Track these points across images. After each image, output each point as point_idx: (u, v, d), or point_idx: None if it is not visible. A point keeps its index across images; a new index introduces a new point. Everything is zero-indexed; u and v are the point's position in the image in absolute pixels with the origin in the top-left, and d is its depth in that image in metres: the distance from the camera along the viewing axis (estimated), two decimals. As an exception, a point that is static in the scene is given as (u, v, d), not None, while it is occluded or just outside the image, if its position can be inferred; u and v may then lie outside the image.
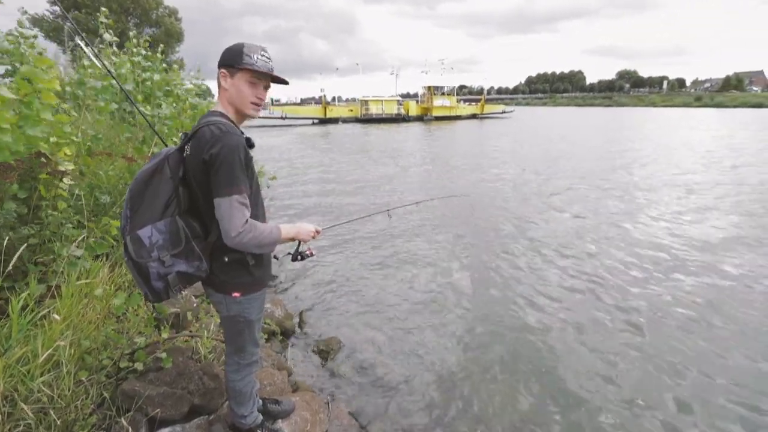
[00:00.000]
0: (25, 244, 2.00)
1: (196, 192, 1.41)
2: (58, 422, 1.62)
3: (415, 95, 50.51)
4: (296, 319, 3.59)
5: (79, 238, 2.20)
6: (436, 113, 39.49)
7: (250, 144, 1.49)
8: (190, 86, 5.74)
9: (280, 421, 2.03)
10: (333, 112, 38.01)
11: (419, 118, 39.66)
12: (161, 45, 5.85)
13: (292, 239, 1.57)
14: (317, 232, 1.67)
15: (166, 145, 1.94)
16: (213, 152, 1.28)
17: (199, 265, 1.42)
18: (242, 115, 1.49)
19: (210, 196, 1.34)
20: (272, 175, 9.06)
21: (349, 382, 2.81)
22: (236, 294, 1.51)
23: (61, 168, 2.28)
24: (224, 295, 1.52)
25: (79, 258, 2.13)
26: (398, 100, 40.42)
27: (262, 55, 1.42)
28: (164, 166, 1.37)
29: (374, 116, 37.75)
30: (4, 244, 1.91)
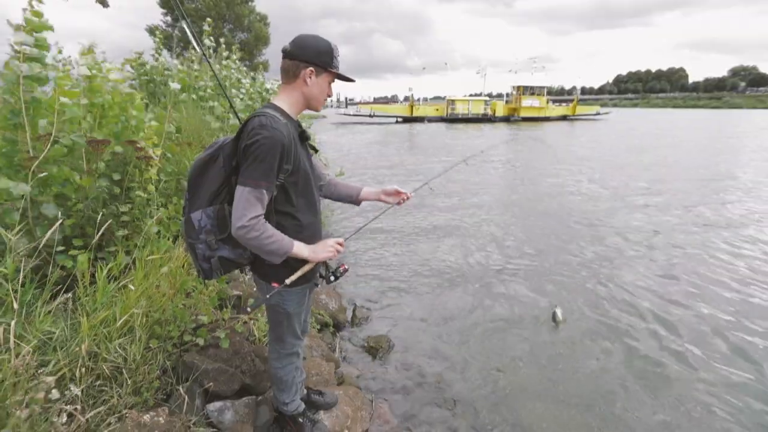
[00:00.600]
0: (109, 221, 2.26)
1: None
2: (129, 381, 1.80)
3: (489, 95, 48.82)
4: (349, 313, 3.63)
5: (155, 217, 2.43)
6: (524, 114, 38.03)
7: (304, 137, 1.51)
8: (269, 85, 6.21)
9: (321, 412, 2.04)
10: (419, 111, 38.54)
11: (506, 119, 38.46)
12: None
13: (308, 257, 1.46)
14: (340, 245, 1.52)
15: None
16: (248, 143, 1.30)
17: (242, 252, 1.46)
18: (306, 108, 1.51)
19: None
20: (339, 171, 9.32)
21: (394, 383, 2.76)
22: (276, 284, 1.52)
23: (150, 154, 2.54)
24: (266, 284, 1.55)
25: (158, 233, 2.35)
26: (485, 100, 39.73)
27: (338, 55, 1.47)
28: (219, 155, 1.42)
29: (460, 116, 37.47)
30: (98, 219, 2.17)
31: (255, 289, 3.02)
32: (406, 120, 37.81)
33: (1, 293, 1.71)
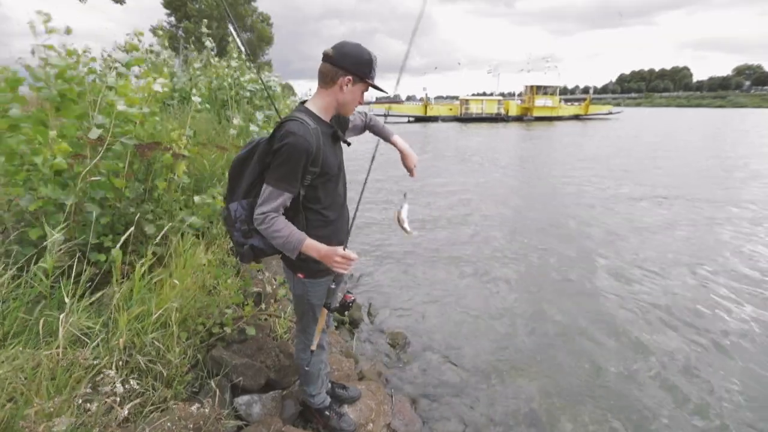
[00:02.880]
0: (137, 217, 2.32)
1: None
2: (165, 373, 1.85)
3: (491, 94, 48.84)
4: (365, 311, 3.68)
5: (182, 214, 2.50)
6: (536, 113, 38.06)
7: (336, 137, 1.57)
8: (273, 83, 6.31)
9: (346, 406, 2.10)
10: (433, 111, 38.87)
11: (518, 118, 38.47)
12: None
13: (318, 259, 1.46)
14: (346, 258, 1.42)
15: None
16: (277, 146, 1.38)
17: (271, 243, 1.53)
18: (336, 113, 1.57)
19: None
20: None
21: (413, 379, 2.81)
22: (301, 275, 1.61)
23: (181, 152, 2.60)
24: (293, 274, 1.64)
25: (188, 225, 2.42)
26: (498, 100, 39.80)
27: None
28: (255, 151, 1.52)
29: (474, 115, 37.60)
30: (135, 219, 2.23)
31: (275, 286, 3.08)
32: (420, 119, 38.03)
33: (42, 288, 1.77)
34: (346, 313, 1.79)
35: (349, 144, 1.69)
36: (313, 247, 1.45)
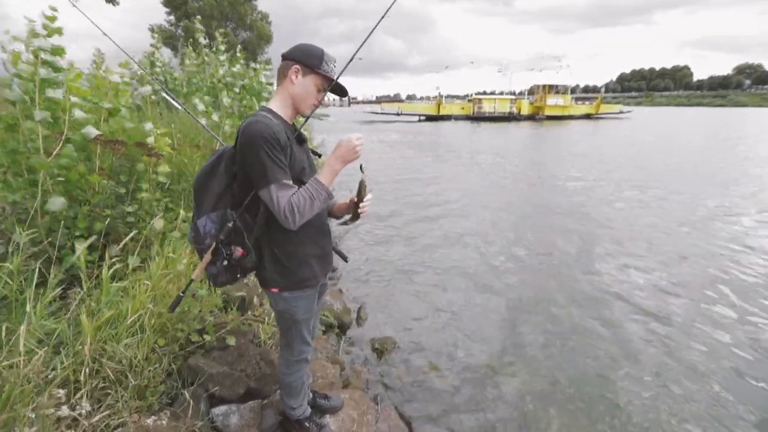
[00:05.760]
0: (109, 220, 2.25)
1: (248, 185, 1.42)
2: (134, 382, 1.77)
3: (492, 93, 48.83)
4: (354, 315, 3.61)
5: (159, 215, 2.42)
6: (548, 112, 38.25)
7: (300, 139, 1.50)
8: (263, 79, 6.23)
9: (327, 416, 2.02)
10: (446, 110, 39.19)
11: (530, 117, 38.58)
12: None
13: (344, 164, 1.40)
14: (358, 140, 1.39)
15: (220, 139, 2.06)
16: (242, 140, 1.31)
17: (242, 258, 1.44)
18: (296, 112, 1.50)
19: (247, 188, 1.38)
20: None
21: (400, 385, 2.74)
22: (275, 290, 1.51)
23: (159, 153, 2.53)
24: (266, 289, 1.54)
25: (162, 234, 2.34)
26: (511, 99, 39.95)
27: (335, 66, 1.48)
28: (220, 162, 1.43)
29: (486, 114, 37.71)
30: (107, 221, 2.16)
31: (260, 290, 3.00)
32: (432, 118, 38.08)
33: (7, 291, 1.70)
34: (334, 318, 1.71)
35: (319, 156, 1.62)
36: (327, 170, 1.36)
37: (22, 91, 1.94)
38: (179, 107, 2.04)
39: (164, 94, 3.11)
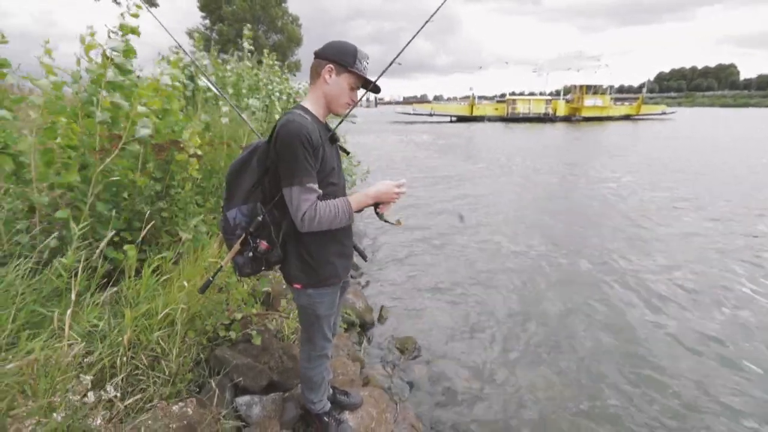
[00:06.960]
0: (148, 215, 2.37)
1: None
2: (166, 372, 1.87)
3: (521, 94, 47.57)
4: (376, 314, 3.63)
5: (199, 217, 2.53)
6: (585, 113, 36.56)
7: (333, 139, 1.52)
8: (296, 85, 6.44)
9: (346, 412, 2.06)
10: (479, 111, 38.34)
11: (566, 119, 37.08)
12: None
13: (373, 205, 1.49)
14: (399, 188, 1.47)
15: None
16: (275, 140, 1.35)
17: (269, 251, 1.49)
18: (330, 111, 1.53)
19: (277, 184, 1.41)
20: (366, 169, 9.22)
21: (420, 386, 2.74)
22: (297, 285, 1.54)
23: (194, 152, 2.65)
24: (290, 285, 1.58)
25: (196, 227, 2.45)
26: (546, 99, 38.66)
27: (368, 63, 1.49)
28: (254, 155, 1.48)
29: (521, 115, 36.68)
30: (146, 216, 2.28)
31: (285, 286, 3.08)
32: (465, 119, 37.28)
33: (59, 283, 1.83)
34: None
35: (348, 153, 1.65)
36: (361, 199, 1.44)
37: (89, 93, 2.08)
38: (229, 103, 2.15)
39: (215, 90, 3.29)
